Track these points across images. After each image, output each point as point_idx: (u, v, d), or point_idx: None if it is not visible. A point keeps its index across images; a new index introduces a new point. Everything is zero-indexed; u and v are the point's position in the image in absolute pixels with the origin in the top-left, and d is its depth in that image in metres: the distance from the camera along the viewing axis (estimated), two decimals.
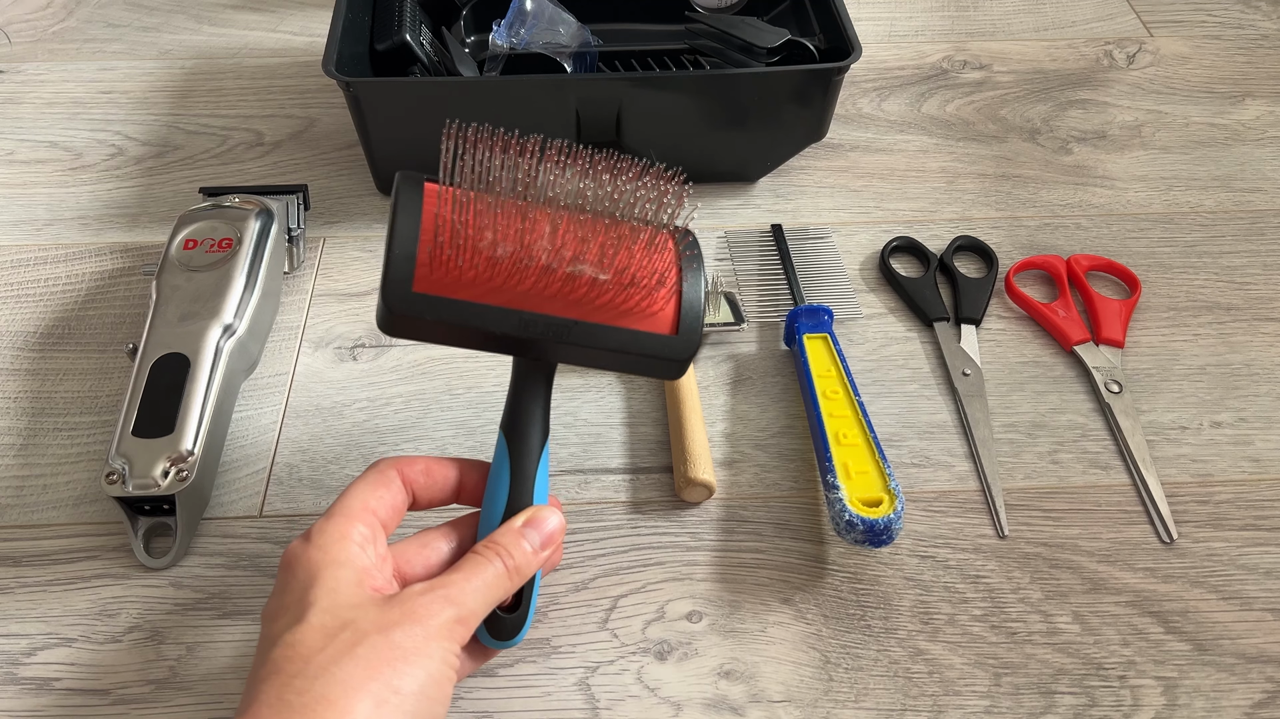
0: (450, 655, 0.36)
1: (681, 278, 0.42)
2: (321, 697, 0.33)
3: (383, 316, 0.40)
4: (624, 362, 0.42)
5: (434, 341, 0.41)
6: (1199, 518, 0.51)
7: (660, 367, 0.42)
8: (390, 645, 0.35)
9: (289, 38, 0.84)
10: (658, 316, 0.42)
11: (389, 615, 0.36)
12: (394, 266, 0.39)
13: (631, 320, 0.41)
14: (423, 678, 0.35)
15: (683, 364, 0.42)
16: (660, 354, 0.42)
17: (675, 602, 0.48)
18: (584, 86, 0.63)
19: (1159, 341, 0.60)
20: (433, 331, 0.40)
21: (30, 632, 0.46)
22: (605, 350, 0.41)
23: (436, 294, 0.39)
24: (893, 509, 0.46)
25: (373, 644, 0.35)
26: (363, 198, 0.69)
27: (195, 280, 0.55)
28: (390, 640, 0.35)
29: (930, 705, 0.44)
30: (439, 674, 0.36)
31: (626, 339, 0.41)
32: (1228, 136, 0.74)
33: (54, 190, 0.69)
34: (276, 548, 0.49)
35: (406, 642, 0.35)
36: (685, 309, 0.42)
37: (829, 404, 0.52)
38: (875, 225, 0.67)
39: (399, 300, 0.39)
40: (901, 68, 0.81)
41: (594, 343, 0.41)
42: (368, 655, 0.34)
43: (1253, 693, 0.45)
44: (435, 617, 0.36)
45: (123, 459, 0.48)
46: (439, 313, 0.39)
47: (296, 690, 0.33)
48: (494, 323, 0.39)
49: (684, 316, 0.42)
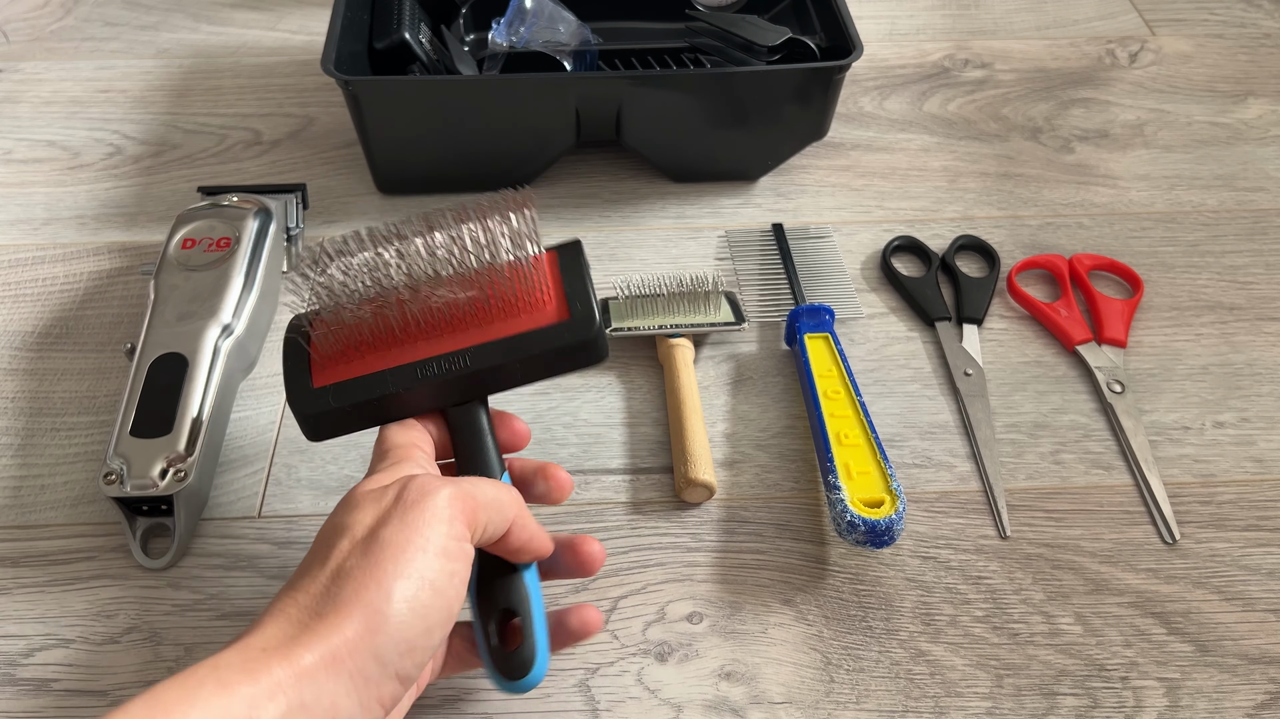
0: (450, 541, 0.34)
1: (558, 266, 0.44)
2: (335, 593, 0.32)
3: (301, 425, 0.42)
4: (536, 365, 0.42)
5: (358, 427, 0.42)
6: (1201, 518, 0.51)
7: (575, 355, 0.42)
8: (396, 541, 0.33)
9: (287, 36, 0.83)
10: (545, 309, 0.43)
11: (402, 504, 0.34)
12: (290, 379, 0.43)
13: (519, 324, 0.42)
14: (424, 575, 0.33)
15: (593, 344, 0.42)
16: (563, 342, 0.42)
17: (676, 603, 0.47)
18: (584, 85, 0.63)
19: (1161, 341, 0.60)
20: (350, 418, 0.42)
21: (28, 632, 0.46)
22: (512, 362, 0.42)
23: (336, 381, 0.42)
24: (894, 510, 0.46)
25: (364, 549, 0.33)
26: (361, 197, 0.68)
27: (193, 280, 0.55)
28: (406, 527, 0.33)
29: (932, 707, 0.44)
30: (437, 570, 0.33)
31: (523, 342, 0.42)
32: (1230, 135, 0.74)
33: (52, 189, 0.69)
34: (275, 548, 0.49)
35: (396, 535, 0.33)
36: (570, 293, 0.43)
37: (830, 404, 0.52)
38: (877, 224, 0.67)
39: (304, 401, 0.42)
40: (903, 66, 0.81)
41: (496, 360, 0.42)
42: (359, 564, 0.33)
43: (1255, 694, 0.44)
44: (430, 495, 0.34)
45: (121, 459, 0.48)
46: (345, 396, 0.42)
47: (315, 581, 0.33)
48: (396, 382, 0.42)
49: (570, 298, 0.43)
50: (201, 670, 0.29)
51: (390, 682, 0.32)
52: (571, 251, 0.45)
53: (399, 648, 0.32)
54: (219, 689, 0.29)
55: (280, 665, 0.30)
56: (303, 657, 0.30)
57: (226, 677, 0.29)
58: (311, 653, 0.30)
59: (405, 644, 0.32)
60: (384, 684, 0.32)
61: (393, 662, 0.32)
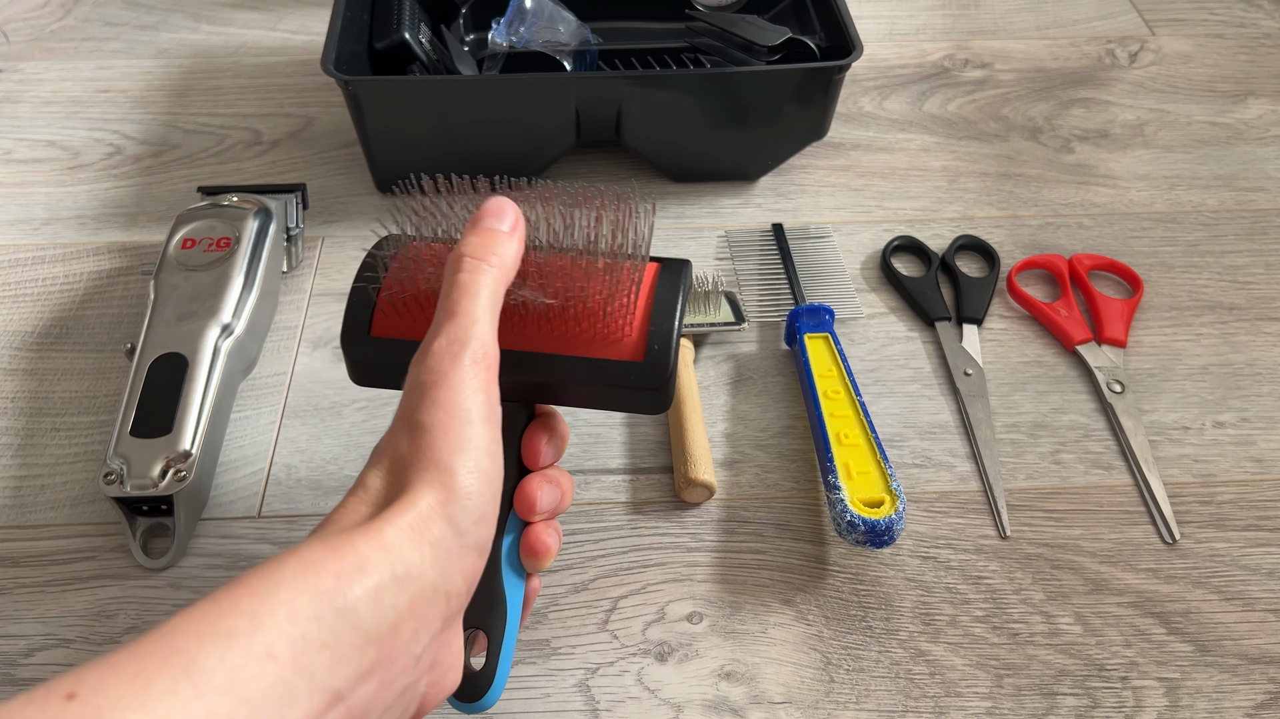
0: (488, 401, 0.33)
1: (652, 300, 0.40)
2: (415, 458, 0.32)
3: (348, 367, 0.41)
4: (589, 396, 0.40)
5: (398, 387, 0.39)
6: (1201, 518, 0.51)
7: (630, 397, 0.39)
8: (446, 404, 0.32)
9: (287, 36, 0.83)
10: (621, 343, 0.39)
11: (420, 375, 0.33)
12: (351, 316, 0.40)
13: (591, 349, 0.39)
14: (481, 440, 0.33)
15: (655, 393, 0.39)
16: (624, 382, 0.39)
17: (675, 603, 0.47)
18: (584, 85, 0.63)
19: (1161, 341, 0.60)
20: (395, 376, 0.38)
21: (28, 633, 0.46)
22: (567, 382, 0.39)
23: (394, 338, 0.40)
24: (894, 510, 0.46)
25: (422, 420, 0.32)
26: (361, 197, 0.68)
27: (193, 280, 0.55)
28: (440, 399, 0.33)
29: (932, 707, 0.44)
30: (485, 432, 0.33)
31: (585, 368, 0.39)
32: (1230, 135, 0.74)
33: (52, 189, 0.69)
34: (275, 548, 0.49)
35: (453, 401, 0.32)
36: (653, 326, 0.39)
37: (830, 404, 0.52)
38: (877, 224, 0.67)
39: (356, 348, 0.40)
40: (903, 66, 0.81)
41: (551, 374, 0.39)
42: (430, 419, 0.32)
43: (1255, 694, 0.44)
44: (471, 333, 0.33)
45: (121, 459, 0.48)
46: (397, 355, 0.38)
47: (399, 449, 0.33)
48: None
49: (651, 337, 0.39)
50: (285, 557, 0.29)
51: (468, 552, 0.32)
52: (674, 272, 0.41)
53: (472, 515, 0.32)
54: (305, 569, 0.28)
55: (364, 541, 0.30)
56: (385, 530, 0.30)
57: (310, 556, 0.29)
58: (393, 526, 0.30)
59: (477, 511, 0.32)
60: (464, 555, 0.32)
61: (469, 530, 0.32)
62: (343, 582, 0.28)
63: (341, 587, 0.28)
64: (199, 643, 0.25)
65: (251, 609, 0.26)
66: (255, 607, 0.27)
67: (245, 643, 0.26)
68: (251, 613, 0.26)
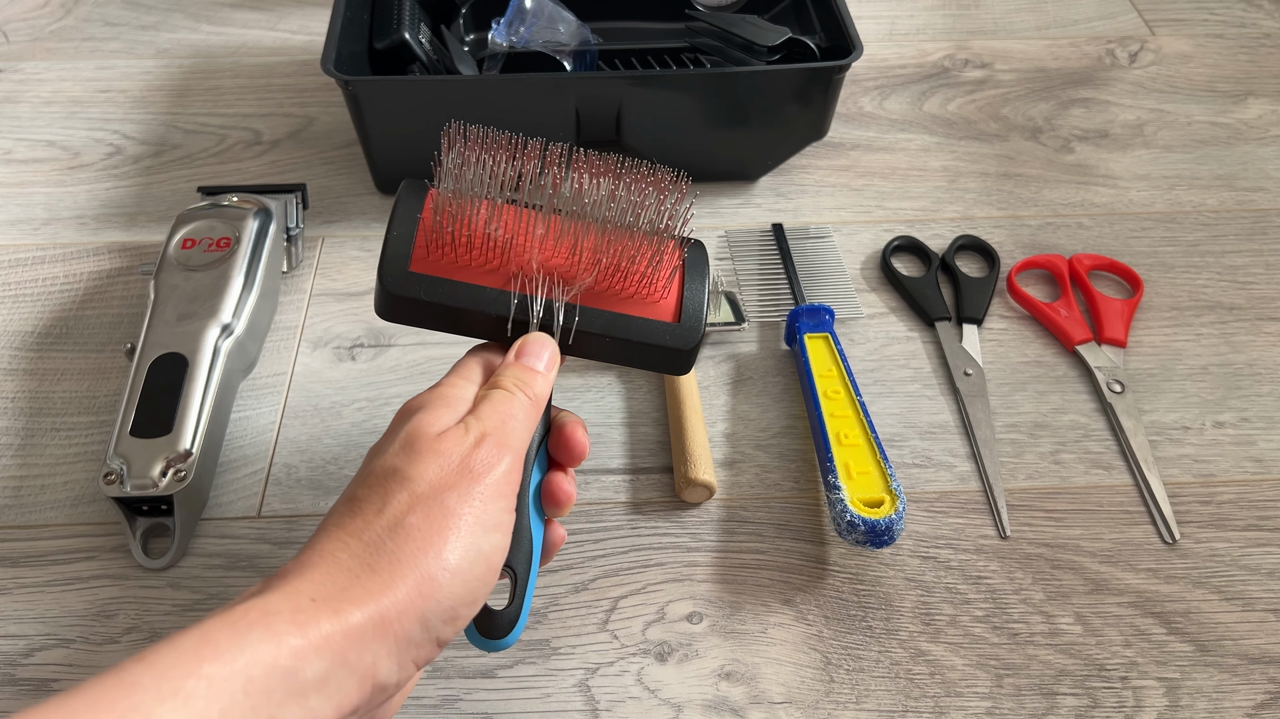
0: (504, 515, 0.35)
1: (684, 267, 0.42)
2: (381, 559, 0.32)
3: (380, 298, 0.40)
4: (625, 350, 0.41)
5: (429, 326, 0.40)
6: (1201, 518, 0.51)
7: (663, 357, 0.41)
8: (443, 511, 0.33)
9: (287, 36, 0.83)
10: (659, 304, 0.41)
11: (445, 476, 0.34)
12: (391, 247, 0.40)
13: (631, 307, 0.41)
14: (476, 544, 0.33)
15: (686, 354, 0.41)
16: (662, 342, 0.41)
17: (676, 603, 0.47)
18: (584, 85, 0.63)
19: (1161, 341, 0.60)
20: (428, 315, 0.40)
21: (28, 632, 0.46)
22: (605, 337, 0.40)
23: (433, 274, 0.40)
24: (894, 510, 0.46)
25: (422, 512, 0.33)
26: (361, 197, 0.68)
27: (193, 280, 0.55)
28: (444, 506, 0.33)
29: (932, 707, 0.44)
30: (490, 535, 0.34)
31: (627, 324, 0.41)
32: (1230, 135, 0.74)
33: (52, 189, 0.69)
34: (275, 548, 0.49)
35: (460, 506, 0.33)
36: (687, 297, 0.42)
37: (830, 404, 0.52)
38: (877, 224, 0.67)
39: (396, 280, 0.39)
40: (903, 66, 0.81)
41: (592, 327, 0.40)
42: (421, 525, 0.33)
43: (1255, 694, 0.44)
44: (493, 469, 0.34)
45: (121, 459, 0.48)
46: (435, 293, 0.39)
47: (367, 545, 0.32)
48: (489, 303, 0.40)
49: (686, 305, 0.42)
50: (252, 614, 0.29)
51: (429, 645, 0.32)
52: (699, 253, 0.44)
53: (444, 615, 0.32)
54: (268, 637, 0.29)
55: (329, 620, 0.30)
56: (352, 613, 0.30)
57: (276, 624, 0.29)
58: (361, 611, 0.30)
59: (451, 612, 0.32)
60: (423, 647, 0.32)
61: (436, 628, 0.32)
62: (300, 662, 0.29)
63: (298, 666, 0.29)
64: (158, 700, 0.26)
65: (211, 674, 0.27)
66: (215, 671, 0.27)
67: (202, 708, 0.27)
68: (210, 678, 0.27)
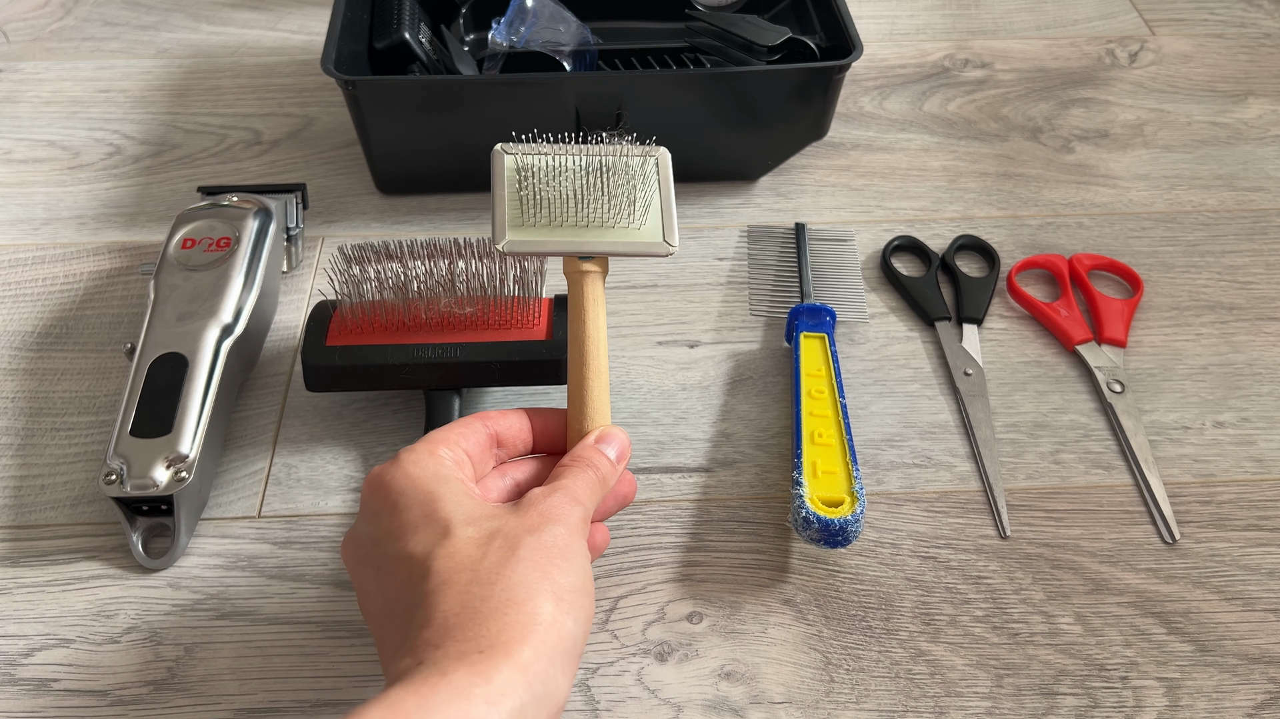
0: (587, 550, 0.38)
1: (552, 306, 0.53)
2: (507, 600, 0.34)
3: (306, 373, 0.51)
4: (512, 370, 0.51)
5: (350, 388, 0.52)
6: (1201, 518, 0.51)
7: (547, 370, 0.51)
8: (544, 546, 0.36)
9: (287, 36, 0.83)
10: (534, 329, 0.52)
11: (528, 519, 0.37)
12: (310, 337, 0.52)
13: (508, 334, 0.52)
14: (580, 572, 0.37)
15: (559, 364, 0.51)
16: (540, 356, 0.51)
17: (676, 603, 0.47)
18: (584, 85, 0.63)
19: (1161, 341, 0.60)
20: (348, 376, 0.51)
21: (28, 632, 0.46)
22: (494, 362, 0.50)
23: (345, 344, 0.51)
24: (852, 511, 0.46)
25: (530, 546, 0.36)
26: (361, 197, 0.68)
27: (193, 280, 0.55)
28: (542, 541, 0.36)
29: (932, 707, 0.44)
30: (587, 568, 0.37)
31: (506, 348, 0.51)
32: (1230, 135, 0.74)
33: (52, 189, 0.69)
34: (274, 548, 0.49)
35: (557, 541, 0.37)
36: (556, 320, 0.52)
37: (811, 403, 0.52)
38: (877, 224, 0.67)
39: (315, 354, 0.51)
40: (903, 66, 0.81)
41: (481, 356, 0.51)
42: (530, 557, 0.35)
43: (1255, 694, 0.44)
44: (570, 515, 0.38)
45: (121, 459, 0.48)
46: (349, 358, 0.51)
47: (479, 598, 0.34)
48: (393, 355, 0.51)
49: (556, 325, 0.52)
50: (432, 677, 0.31)
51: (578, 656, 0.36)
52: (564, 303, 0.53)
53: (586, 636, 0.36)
54: (454, 695, 0.31)
55: (505, 664, 0.32)
56: (522, 652, 0.33)
57: (458, 681, 0.31)
58: (529, 647, 0.33)
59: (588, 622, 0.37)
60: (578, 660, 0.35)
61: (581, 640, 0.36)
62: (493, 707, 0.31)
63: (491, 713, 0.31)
64: None
65: None
66: None
67: None
68: None
